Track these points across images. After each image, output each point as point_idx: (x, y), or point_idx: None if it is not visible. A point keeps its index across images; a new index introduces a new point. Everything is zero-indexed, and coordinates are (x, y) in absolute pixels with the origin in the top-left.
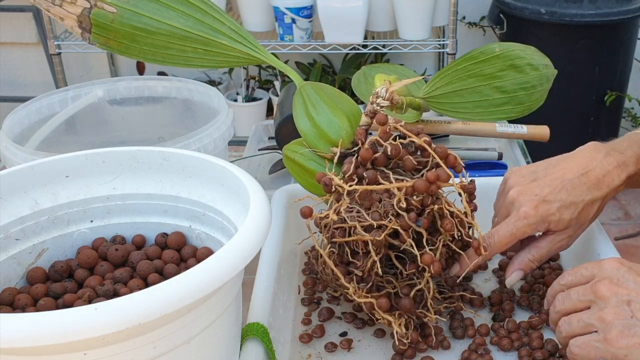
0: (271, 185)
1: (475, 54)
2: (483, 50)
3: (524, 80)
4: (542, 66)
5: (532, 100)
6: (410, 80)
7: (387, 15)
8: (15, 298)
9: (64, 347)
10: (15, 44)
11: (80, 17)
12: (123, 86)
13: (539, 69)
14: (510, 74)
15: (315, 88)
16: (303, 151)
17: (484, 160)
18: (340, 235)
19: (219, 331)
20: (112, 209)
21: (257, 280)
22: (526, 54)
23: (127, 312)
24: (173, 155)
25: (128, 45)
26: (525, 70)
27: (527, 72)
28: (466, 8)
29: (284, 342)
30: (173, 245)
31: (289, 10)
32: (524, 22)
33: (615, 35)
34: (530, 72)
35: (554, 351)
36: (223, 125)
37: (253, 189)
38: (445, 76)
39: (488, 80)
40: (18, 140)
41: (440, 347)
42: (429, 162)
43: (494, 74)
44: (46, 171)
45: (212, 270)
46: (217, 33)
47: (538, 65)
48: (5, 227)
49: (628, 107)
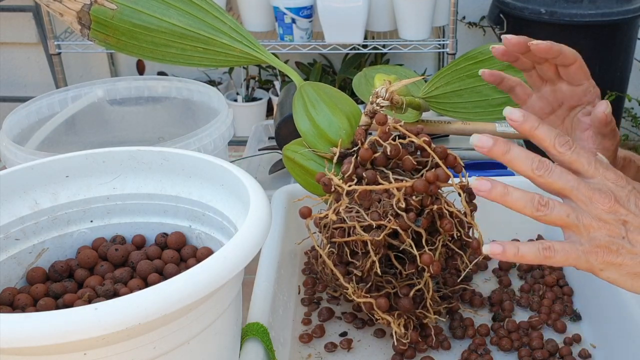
0: (271, 185)
1: (474, 54)
2: (481, 50)
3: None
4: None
5: None
6: (410, 80)
7: (387, 15)
8: (15, 298)
9: (64, 347)
10: (15, 44)
11: (79, 13)
12: (123, 86)
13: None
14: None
15: (315, 88)
16: (303, 151)
17: (484, 160)
18: (340, 235)
19: (219, 331)
20: (112, 209)
21: (257, 280)
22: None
23: (127, 312)
24: (173, 155)
25: (127, 43)
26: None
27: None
28: (466, 8)
29: (284, 342)
30: (173, 245)
31: (289, 10)
32: (524, 22)
33: (615, 35)
34: None
35: (554, 351)
36: (223, 125)
37: (253, 189)
38: (444, 76)
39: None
40: (18, 140)
41: (440, 347)
42: (428, 162)
43: None
44: (46, 171)
45: (212, 270)
46: (217, 32)
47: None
48: (5, 227)
49: (628, 107)
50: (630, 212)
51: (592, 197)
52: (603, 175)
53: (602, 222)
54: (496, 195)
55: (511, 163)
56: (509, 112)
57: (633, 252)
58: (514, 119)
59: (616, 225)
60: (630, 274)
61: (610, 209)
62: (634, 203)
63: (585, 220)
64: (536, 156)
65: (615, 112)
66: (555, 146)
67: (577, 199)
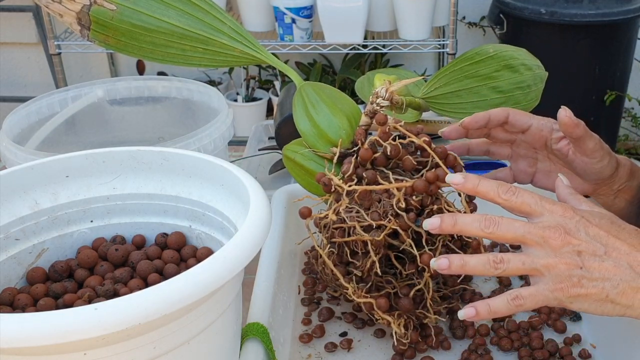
0: (271, 185)
1: (471, 54)
2: (478, 51)
3: (520, 79)
4: (535, 67)
5: (529, 100)
6: (410, 80)
7: (387, 15)
8: (15, 298)
9: (64, 347)
10: (15, 44)
11: (79, 14)
12: (123, 86)
13: (533, 69)
14: (506, 74)
15: (315, 88)
16: (303, 151)
17: (484, 160)
18: (340, 235)
19: (219, 331)
20: (112, 209)
21: (257, 280)
22: (519, 54)
23: (127, 312)
24: (173, 155)
25: (127, 43)
26: (520, 70)
27: (522, 72)
28: (466, 8)
29: (284, 342)
30: (173, 245)
31: (289, 10)
32: (524, 22)
33: (615, 35)
34: (524, 72)
35: (554, 351)
36: (223, 125)
37: (253, 189)
38: (443, 77)
39: (484, 80)
40: (18, 140)
41: (440, 347)
42: (428, 162)
43: (489, 74)
44: (46, 171)
45: (212, 270)
46: (217, 32)
47: (531, 65)
48: (5, 227)
49: (628, 107)
50: (582, 241)
51: (544, 235)
52: (550, 211)
53: (559, 258)
54: (456, 267)
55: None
56: (450, 179)
57: (593, 279)
58: (455, 183)
59: (572, 258)
60: (597, 301)
61: (563, 242)
62: (584, 231)
63: (541, 261)
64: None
65: (615, 112)
66: (500, 195)
67: (531, 243)
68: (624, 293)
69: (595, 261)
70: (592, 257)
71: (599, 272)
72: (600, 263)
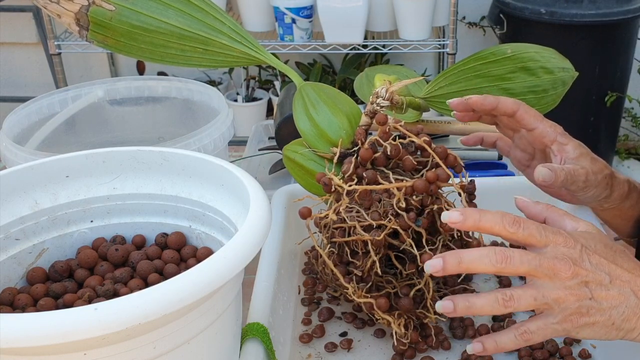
0: (271, 185)
1: (485, 54)
2: (494, 50)
3: (535, 83)
4: (558, 69)
5: (542, 104)
6: (410, 80)
7: (387, 15)
8: (15, 298)
9: (64, 347)
10: (15, 44)
11: (78, 15)
12: (123, 86)
13: (554, 73)
14: (521, 77)
15: (315, 88)
16: (303, 151)
17: (484, 160)
18: (340, 235)
19: (219, 331)
20: (112, 209)
21: (257, 280)
22: (542, 56)
23: (127, 312)
24: (173, 155)
25: (126, 44)
26: (538, 73)
27: (539, 76)
28: (466, 8)
29: (284, 342)
30: (173, 245)
31: (289, 10)
32: (524, 22)
33: (615, 35)
34: (543, 75)
35: (554, 351)
36: (223, 125)
37: (253, 189)
38: (449, 76)
39: (496, 81)
40: (18, 140)
41: (440, 347)
42: (428, 162)
43: (503, 75)
44: (46, 171)
45: (212, 270)
46: (216, 32)
47: (553, 68)
48: (5, 227)
49: (628, 107)
50: (589, 272)
51: (554, 268)
52: (554, 242)
53: (569, 291)
54: (462, 309)
55: (473, 262)
56: (447, 218)
57: (601, 309)
58: (454, 221)
59: (581, 289)
60: (604, 328)
61: (573, 274)
62: (588, 261)
63: (552, 295)
64: (491, 249)
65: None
66: (506, 228)
67: (542, 276)
68: (628, 319)
69: (602, 290)
70: (599, 287)
71: (606, 301)
72: (607, 292)
